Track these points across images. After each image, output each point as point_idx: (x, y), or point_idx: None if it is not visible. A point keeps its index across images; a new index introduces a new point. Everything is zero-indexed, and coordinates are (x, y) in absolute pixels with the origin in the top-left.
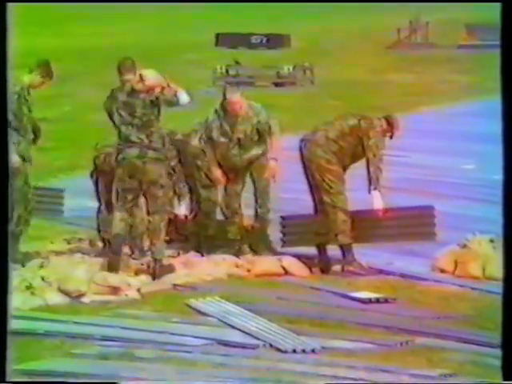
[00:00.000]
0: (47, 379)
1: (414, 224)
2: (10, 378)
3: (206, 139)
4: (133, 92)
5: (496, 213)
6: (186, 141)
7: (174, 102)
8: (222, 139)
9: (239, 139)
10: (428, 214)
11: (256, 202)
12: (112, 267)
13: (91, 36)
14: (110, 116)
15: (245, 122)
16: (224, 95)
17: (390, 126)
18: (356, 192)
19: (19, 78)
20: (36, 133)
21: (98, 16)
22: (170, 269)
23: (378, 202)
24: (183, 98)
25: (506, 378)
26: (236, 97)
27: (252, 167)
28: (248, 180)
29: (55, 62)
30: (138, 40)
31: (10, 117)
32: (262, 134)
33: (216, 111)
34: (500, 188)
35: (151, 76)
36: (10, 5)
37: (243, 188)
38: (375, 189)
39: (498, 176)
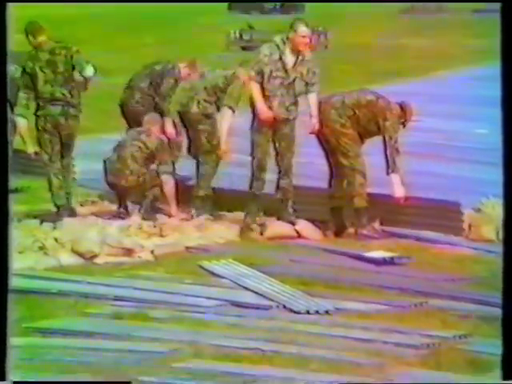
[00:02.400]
0: (61, 337)
1: (439, 216)
2: (11, 335)
3: (255, 73)
4: (54, 50)
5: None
6: (186, 110)
7: (83, 67)
8: (278, 73)
9: (295, 79)
10: (455, 209)
11: (279, 172)
12: None
13: (104, 1)
14: (32, 77)
15: (303, 64)
16: (292, 27)
17: (404, 112)
18: (371, 156)
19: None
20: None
21: None
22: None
23: (398, 188)
24: (90, 68)
25: (506, 378)
26: (306, 30)
27: (280, 136)
28: None
29: (69, 27)
30: (152, 4)
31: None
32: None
33: (277, 45)
34: None
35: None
36: (9, 5)
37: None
38: (393, 171)
39: None
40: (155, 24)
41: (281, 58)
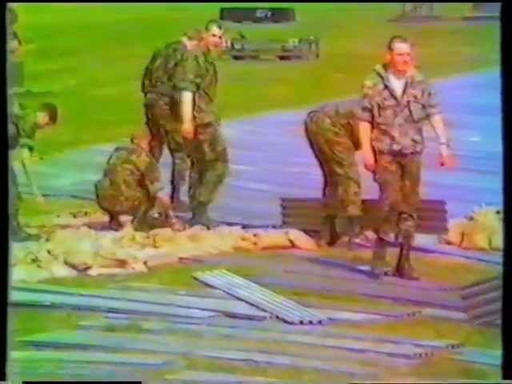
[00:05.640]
0: (54, 350)
1: (425, 217)
2: (10, 349)
3: (362, 111)
4: None
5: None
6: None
7: None
8: (388, 102)
9: (409, 103)
10: (440, 208)
11: (401, 213)
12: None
13: (96, 11)
14: None
15: (414, 86)
16: (389, 46)
17: None
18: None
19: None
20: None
21: None
22: None
23: None
24: None
25: (505, 377)
26: (405, 47)
27: (407, 174)
28: None
29: (61, 37)
30: (143, 15)
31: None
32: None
33: (378, 73)
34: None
35: None
36: (9, 5)
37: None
38: None
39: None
40: (146, 34)
41: (386, 86)
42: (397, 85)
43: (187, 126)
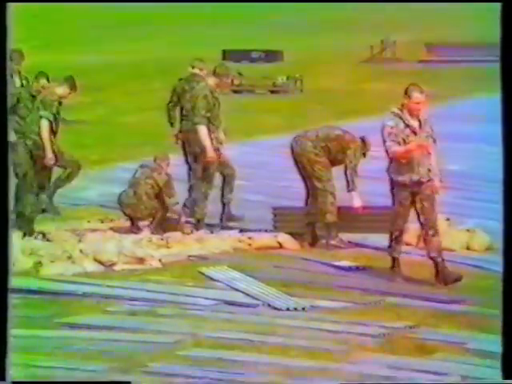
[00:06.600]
0: (85, 331)
1: (383, 220)
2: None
3: (393, 144)
4: None
5: (452, 196)
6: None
7: None
8: (411, 138)
9: (426, 138)
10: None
11: (426, 234)
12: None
13: (119, 53)
14: None
15: (426, 122)
16: (406, 93)
17: (364, 144)
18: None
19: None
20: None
21: (124, 36)
22: None
23: (357, 200)
24: None
25: (505, 377)
26: (420, 97)
27: (423, 197)
28: None
29: (90, 75)
30: (156, 56)
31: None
32: None
33: (396, 114)
34: (457, 176)
35: None
36: (9, 5)
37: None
38: (352, 189)
39: (455, 166)
40: (161, 71)
41: (407, 125)
42: (414, 123)
43: (210, 154)
